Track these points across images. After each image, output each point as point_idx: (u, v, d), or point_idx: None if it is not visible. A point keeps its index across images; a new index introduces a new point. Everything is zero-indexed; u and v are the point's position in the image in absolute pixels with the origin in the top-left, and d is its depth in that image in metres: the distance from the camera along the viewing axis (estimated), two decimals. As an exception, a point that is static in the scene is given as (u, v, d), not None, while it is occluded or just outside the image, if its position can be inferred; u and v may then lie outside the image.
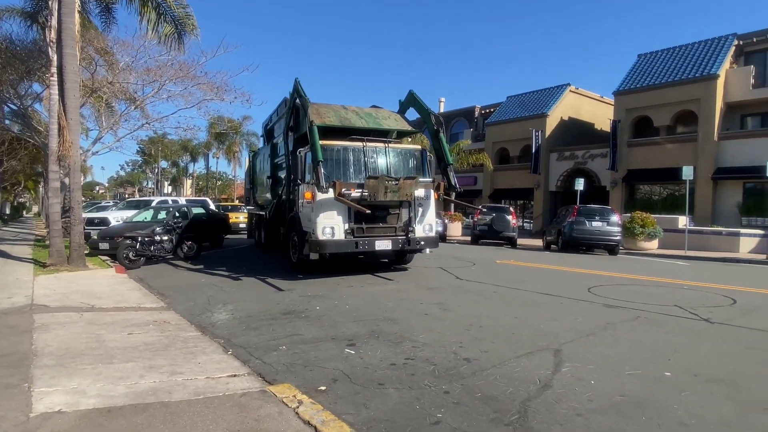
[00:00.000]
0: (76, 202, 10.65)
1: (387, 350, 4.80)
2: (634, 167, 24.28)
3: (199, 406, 3.26)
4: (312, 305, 6.95)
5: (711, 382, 3.93)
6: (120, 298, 7.54)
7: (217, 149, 58.02)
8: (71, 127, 10.33)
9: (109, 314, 6.32)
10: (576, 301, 7.37)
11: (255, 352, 4.82)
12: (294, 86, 10.11)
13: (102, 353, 4.51)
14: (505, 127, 31.67)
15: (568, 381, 3.93)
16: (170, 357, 4.50)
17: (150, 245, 11.88)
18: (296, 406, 3.32)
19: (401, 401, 3.55)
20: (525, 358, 4.51)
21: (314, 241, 8.87)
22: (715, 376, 4.08)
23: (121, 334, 5.26)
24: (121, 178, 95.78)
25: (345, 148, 9.46)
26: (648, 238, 18.05)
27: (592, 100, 31.57)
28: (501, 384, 3.86)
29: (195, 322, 6.13)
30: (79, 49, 11.27)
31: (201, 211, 16.56)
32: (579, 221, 16.76)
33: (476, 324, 5.82)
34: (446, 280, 9.38)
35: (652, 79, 24.07)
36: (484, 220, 20.01)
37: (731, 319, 6.21)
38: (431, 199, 9.78)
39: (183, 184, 76.48)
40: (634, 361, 4.46)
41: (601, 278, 10.03)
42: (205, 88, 16.34)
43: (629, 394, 3.67)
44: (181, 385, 3.75)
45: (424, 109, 10.39)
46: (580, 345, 4.95)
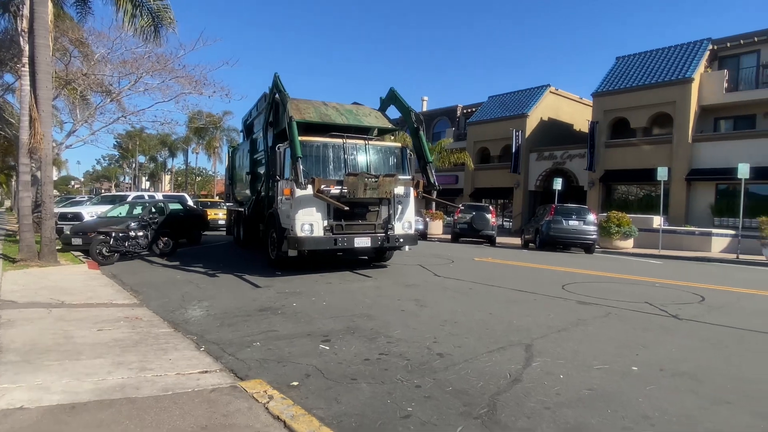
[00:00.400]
0: (48, 196, 10.38)
1: (362, 346, 4.81)
2: (611, 168, 24.75)
3: (166, 402, 3.21)
4: (289, 302, 6.91)
5: (676, 377, 4.04)
6: (91, 294, 7.38)
7: (196, 144, 57.17)
8: (43, 119, 10.06)
9: (79, 310, 6.18)
10: (550, 297, 7.49)
11: (228, 348, 4.77)
12: (273, 81, 10.02)
13: (69, 349, 4.41)
14: (487, 127, 31.95)
15: (537, 375, 3.99)
16: (140, 353, 4.43)
17: (124, 241, 11.65)
18: (266, 401, 3.30)
19: (373, 395, 3.56)
20: (497, 353, 4.57)
21: (293, 238, 8.82)
22: (680, 370, 4.19)
23: (91, 331, 5.15)
24: (97, 173, 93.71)
25: (325, 144, 9.42)
26: (623, 237, 18.44)
27: (571, 101, 32.06)
28: (472, 378, 3.90)
29: (168, 318, 6.04)
30: (52, 39, 10.98)
31: (178, 207, 16.30)
32: (556, 220, 17.02)
33: (451, 320, 5.86)
34: (424, 277, 9.44)
35: (630, 82, 24.56)
36: (464, 219, 20.18)
37: (698, 316, 6.39)
38: (411, 196, 9.81)
39: (161, 180, 75.20)
40: (603, 356, 4.55)
41: (576, 276, 10.21)
42: (183, 81, 16.08)
43: (596, 388, 3.74)
44: (150, 381, 3.69)
45: (405, 107, 10.41)
46: (552, 340, 5.04)
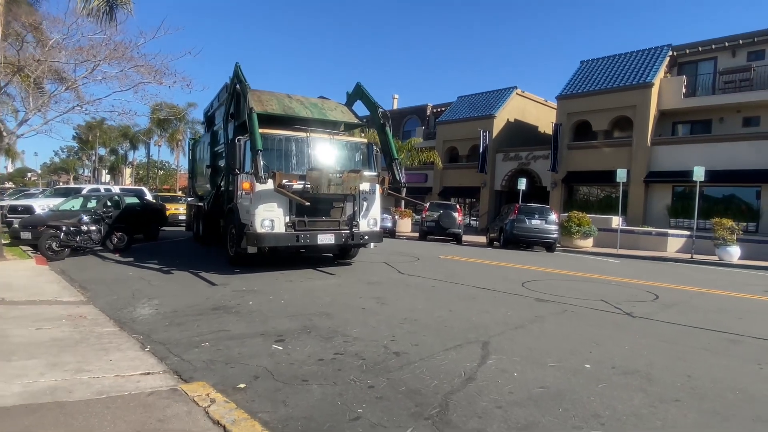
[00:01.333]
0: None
1: (317, 345, 4.67)
2: (573, 169, 25.35)
3: (98, 406, 3.00)
4: (245, 300, 6.69)
5: (627, 374, 4.08)
6: (36, 290, 6.96)
7: (159, 137, 55.34)
8: (-15, 105, 9.43)
9: (19, 308, 5.81)
10: (509, 294, 7.54)
11: (175, 348, 4.55)
12: (234, 71, 9.71)
13: (2, 349, 4.10)
14: (455, 127, 32.19)
15: (492, 373, 3.96)
16: (79, 354, 4.17)
17: (75, 235, 11.08)
18: (207, 405, 3.13)
19: (323, 397, 3.44)
20: (453, 351, 4.52)
21: (252, 234, 8.57)
22: (632, 368, 4.25)
23: (29, 329, 4.82)
24: (55, 165, 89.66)
25: (287, 137, 9.19)
26: (583, 236, 18.91)
27: (536, 103, 32.67)
28: (426, 377, 3.84)
29: (114, 317, 5.74)
30: (2, 23, 10.32)
31: (135, 200, 15.67)
32: (520, 219, 17.28)
33: (411, 318, 5.80)
34: (388, 275, 9.36)
35: (593, 85, 25.19)
36: (432, 217, 20.24)
37: (652, 314, 6.55)
38: (377, 193, 9.71)
39: (122, 173, 72.58)
40: (557, 353, 4.57)
41: (536, 273, 10.36)
42: (143, 71, 15.37)
43: (549, 386, 3.74)
44: (85, 383, 3.46)
45: (371, 103, 10.29)
46: (508, 337, 5.04)
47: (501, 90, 31.80)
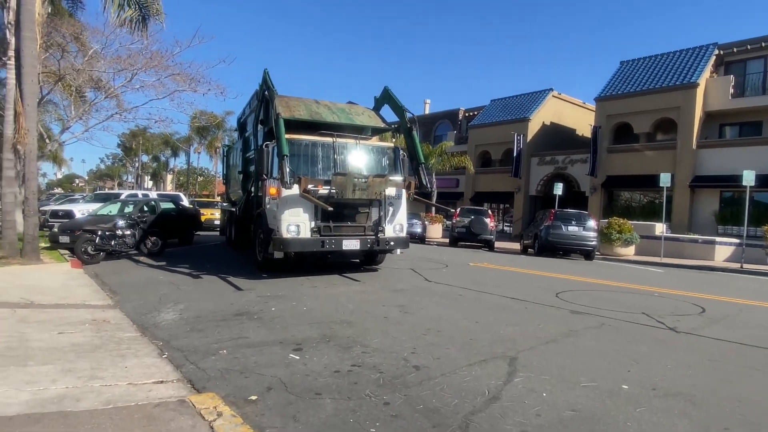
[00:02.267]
0: (31, 192, 10.14)
1: (334, 356, 4.50)
2: (613, 173, 24.36)
3: (102, 417, 2.91)
4: (268, 306, 6.61)
5: (669, 397, 3.71)
6: (65, 294, 7.11)
7: (198, 144, 57.02)
8: (28, 113, 9.83)
9: (46, 311, 5.91)
10: (542, 306, 7.16)
11: (192, 356, 4.47)
12: (263, 77, 9.75)
13: (20, 354, 4.13)
14: (488, 130, 31.62)
15: (518, 392, 3.67)
16: (96, 360, 4.14)
17: (111, 239, 11.37)
18: (213, 418, 3.00)
19: (335, 413, 3.26)
20: (477, 366, 4.25)
21: (278, 239, 8.52)
22: (675, 389, 3.86)
23: (50, 334, 4.87)
24: (101, 172, 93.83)
25: (314, 143, 9.13)
26: (624, 244, 18.08)
27: (574, 105, 31.71)
28: (447, 395, 3.59)
29: (138, 321, 5.76)
30: (41, 33, 10.77)
31: (170, 206, 16.03)
32: (555, 225, 16.68)
33: (434, 328, 5.55)
34: (414, 282, 9.12)
35: (634, 86, 24.19)
36: (463, 223, 19.87)
37: (697, 329, 6.05)
38: (403, 198, 9.51)
39: (164, 179, 75.13)
40: (591, 371, 4.22)
41: (572, 283, 9.87)
42: (179, 79, 15.83)
43: (581, 408, 3.42)
44: (96, 392, 3.40)
45: (398, 106, 10.11)
46: (538, 353, 4.71)
47: (536, 92, 31.05)
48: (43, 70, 13.31)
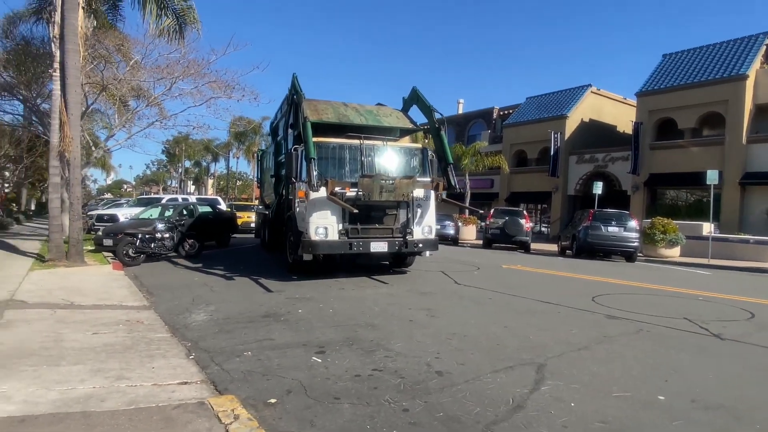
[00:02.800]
0: (76, 197, 10.62)
1: (356, 359, 4.45)
2: (657, 171, 23.34)
3: (122, 419, 2.97)
4: (295, 308, 6.65)
5: (710, 410, 3.46)
6: (104, 295, 7.38)
7: (236, 149, 58.56)
8: (72, 122, 10.30)
9: (84, 312, 6.14)
10: (576, 310, 6.88)
11: (217, 357, 4.53)
12: (291, 82, 9.86)
13: (54, 354, 4.29)
14: (524, 129, 30.97)
15: (545, 402, 3.51)
16: (125, 360, 4.25)
17: (150, 242, 11.78)
18: (230, 422, 3.00)
19: (353, 419, 3.20)
20: (503, 373, 4.10)
21: (307, 242, 8.59)
22: (716, 401, 3.60)
23: (85, 334, 5.04)
24: (147, 177, 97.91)
25: (341, 145, 9.16)
26: (669, 245, 17.25)
27: (614, 101, 30.61)
28: (469, 403, 3.47)
29: (170, 322, 5.90)
30: (85, 46, 11.28)
31: (208, 209, 16.50)
32: (594, 226, 16.10)
33: (460, 333, 5.42)
34: (443, 285, 8.98)
35: (677, 80, 23.11)
36: (497, 224, 19.49)
37: (745, 336, 5.65)
38: (431, 200, 9.39)
39: (205, 184, 77.60)
40: (625, 380, 4.00)
41: (610, 286, 9.47)
42: (215, 86, 16.29)
43: (611, 420, 3.23)
44: (121, 392, 3.48)
45: (426, 106, 10.02)
46: (569, 360, 4.51)
47: (574, 89, 30.16)
48: (87, 80, 13.98)
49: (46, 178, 45.33)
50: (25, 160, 27.71)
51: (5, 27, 15.00)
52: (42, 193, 53.61)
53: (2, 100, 17.32)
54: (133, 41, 15.37)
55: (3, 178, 32.68)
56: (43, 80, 15.32)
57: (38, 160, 28.48)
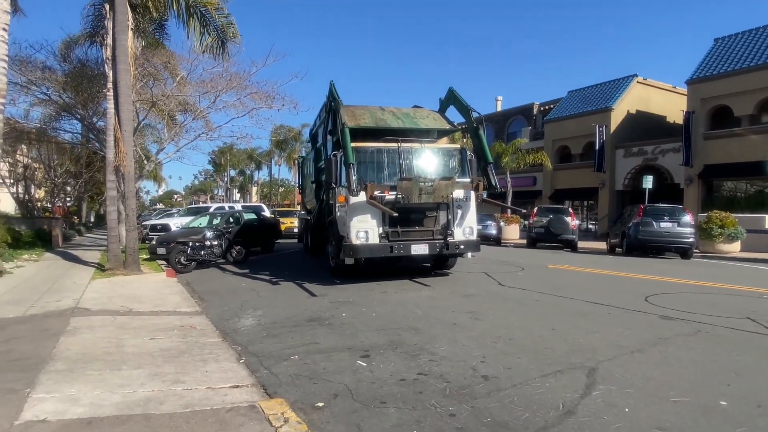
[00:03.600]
0: (131, 209, 11.21)
1: (401, 363, 4.47)
2: (712, 162, 22.10)
3: (179, 421, 3.11)
4: (339, 312, 6.74)
5: (778, 416, 3.25)
6: (160, 301, 7.75)
7: (278, 157, 60.05)
8: (125, 138, 10.89)
9: (141, 318, 6.47)
10: (628, 311, 6.61)
11: (266, 361, 4.66)
12: (329, 89, 10.03)
13: (116, 359, 4.54)
14: (566, 124, 30.10)
15: (597, 407, 3.40)
16: (180, 364, 4.45)
17: (200, 250, 12.26)
18: (280, 425, 3.09)
19: (399, 423, 3.22)
20: (552, 378, 4.00)
21: (348, 246, 8.69)
22: (786, 407, 3.38)
23: (143, 339, 5.31)
24: (195, 187, 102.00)
25: (379, 149, 9.22)
26: (728, 240, 16.28)
27: (662, 90, 29.25)
28: (517, 408, 3.41)
29: (221, 327, 6.12)
30: (134, 65, 11.90)
31: (253, 216, 17.00)
32: (645, 222, 15.42)
33: (506, 336, 5.32)
34: (486, 287, 8.85)
35: (732, 65, 21.81)
36: (541, 222, 19.01)
37: (818, 336, 5.25)
38: (471, 200, 9.29)
39: (249, 192, 79.98)
40: (683, 385, 3.81)
41: (664, 285, 9.04)
42: (256, 97, 16.80)
43: (669, 426, 3.09)
44: (178, 395, 3.65)
45: (464, 106, 9.93)
46: (621, 363, 4.34)
47: (618, 80, 29.06)
48: (138, 98, 14.75)
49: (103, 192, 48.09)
50: (84, 175, 29.51)
51: (63, 51, 16.06)
52: (100, 205, 56.87)
53: (62, 120, 18.56)
54: (179, 58, 16.12)
55: (65, 193, 34.90)
56: (98, 99, 16.30)
57: (96, 175, 30.27)
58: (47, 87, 16.02)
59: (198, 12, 11.53)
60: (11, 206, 28.91)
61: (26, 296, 7.72)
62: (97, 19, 12.76)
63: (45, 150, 25.39)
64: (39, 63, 15.63)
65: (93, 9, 12.80)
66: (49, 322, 5.95)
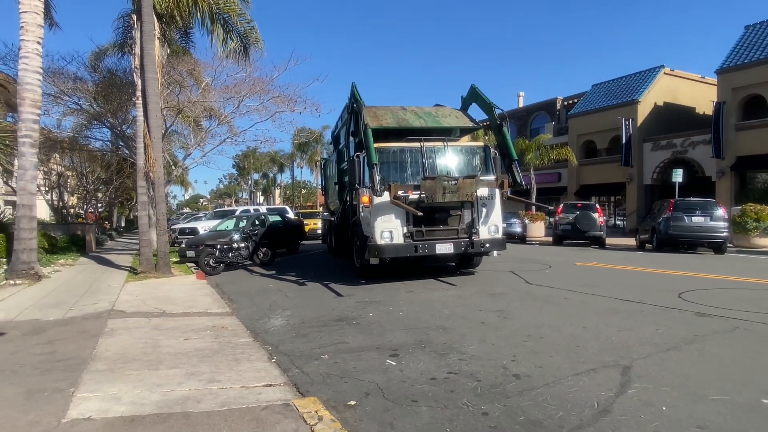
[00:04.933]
0: (161, 213, 11.51)
1: (431, 362, 4.48)
2: (745, 153, 21.36)
3: (217, 419, 3.19)
4: (366, 312, 6.79)
5: (826, 414, 3.13)
6: (191, 303, 7.93)
7: (300, 159, 60.65)
8: (155, 144, 11.19)
9: (174, 319, 6.64)
10: (661, 308, 6.46)
11: (297, 360, 4.74)
12: (351, 91, 10.08)
13: (153, 359, 4.68)
14: (591, 118, 29.53)
15: (633, 405, 3.34)
16: (214, 364, 4.55)
17: (228, 252, 12.50)
18: (315, 423, 3.13)
19: (432, 422, 3.23)
20: (585, 376, 3.95)
21: (373, 246, 8.73)
22: (834, 406, 3.26)
23: (178, 340, 5.45)
24: (220, 191, 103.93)
25: (402, 149, 9.24)
26: (764, 233, 15.75)
27: (691, 81, 28.41)
28: (550, 406, 3.38)
29: (251, 327, 6.23)
30: (161, 73, 12.20)
31: (277, 218, 17.23)
32: (676, 216, 15.01)
33: (536, 335, 5.27)
34: (513, 285, 8.76)
35: (764, 53, 21.02)
36: (567, 219, 18.70)
37: None
38: (496, 198, 9.22)
39: (273, 194, 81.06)
40: (722, 383, 3.72)
41: (698, 281, 8.80)
42: (279, 101, 17.02)
43: (710, 425, 3.02)
44: (214, 394, 3.74)
45: (486, 103, 9.86)
46: (657, 361, 4.25)
47: (644, 71, 28.36)
48: (165, 105, 15.12)
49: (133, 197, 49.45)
50: (114, 181, 30.43)
51: (93, 62, 16.61)
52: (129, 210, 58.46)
53: (93, 128, 19.19)
54: (203, 65, 16.47)
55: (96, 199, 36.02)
56: (126, 108, 16.78)
57: (126, 181, 31.18)
58: (78, 97, 16.58)
59: (221, 19, 11.77)
60: (46, 213, 29.98)
61: (64, 299, 8.01)
62: (125, 29, 13.16)
63: (77, 158, 26.24)
64: (71, 74, 16.20)
65: (122, 21, 13.20)
66: (88, 324, 6.17)
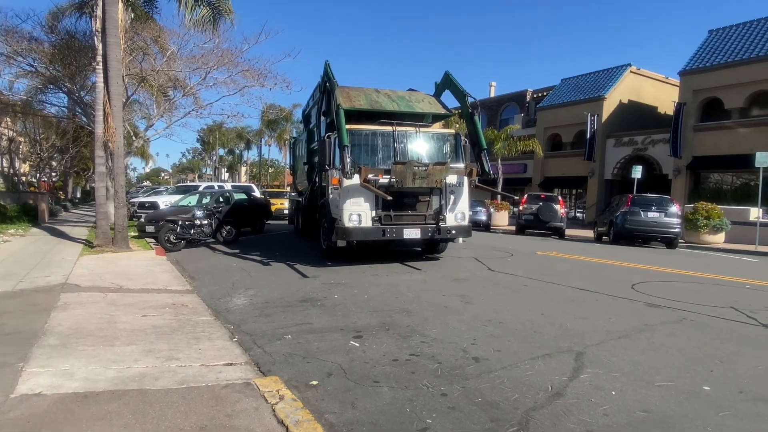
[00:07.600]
0: (120, 186, 11.06)
1: (393, 344, 4.53)
2: (701, 154, 22.37)
3: (175, 397, 3.14)
4: (331, 293, 6.78)
5: (759, 401, 3.37)
6: (150, 279, 7.71)
7: (269, 137, 59.40)
8: (115, 113, 10.67)
9: (132, 295, 6.45)
10: (614, 298, 6.75)
11: (259, 340, 4.70)
12: (324, 69, 9.90)
13: (108, 335, 4.54)
14: (558, 112, 30.16)
15: (584, 389, 3.50)
16: (173, 341, 4.46)
17: (190, 229, 12.16)
18: (276, 402, 3.13)
19: (392, 402, 3.28)
20: (541, 360, 4.10)
21: (341, 228, 8.70)
22: (765, 394, 3.50)
23: (135, 316, 5.30)
24: (183, 165, 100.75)
25: (374, 132, 9.17)
26: (713, 231, 16.59)
27: (655, 81, 29.38)
28: (507, 389, 3.50)
29: (212, 306, 6.13)
30: (124, 38, 11.60)
31: (243, 196, 16.87)
32: (633, 211, 15.63)
33: (496, 320, 5.41)
34: (476, 271, 8.94)
35: (725, 57, 21.94)
36: (530, 210, 19.14)
37: (797, 326, 5.42)
38: (464, 186, 9.32)
39: (239, 171, 79.23)
40: (668, 370, 3.93)
41: (650, 274, 9.22)
42: (248, 75, 16.49)
43: (654, 409, 3.20)
44: (172, 371, 3.67)
45: (459, 91, 9.89)
46: (608, 348, 4.45)
47: (612, 69, 29.10)
48: (127, 72, 14.40)
49: (90, 167, 47.33)
50: (70, 150, 29.00)
51: (50, 22, 15.58)
52: (86, 181, 55.97)
53: (48, 93, 18.11)
54: (169, 32, 15.72)
55: (51, 168, 34.29)
56: (85, 73, 15.90)
57: (82, 150, 29.76)
58: (33, 58, 15.55)
59: (191, -16, 11.25)
60: (-5, 180, 28.35)
61: (14, 271, 7.64)
62: (85, -11, 12.39)
63: (30, 123, 24.81)
64: (25, 33, 15.13)
65: (82, -22, 12.41)
66: (39, 298, 5.91)
